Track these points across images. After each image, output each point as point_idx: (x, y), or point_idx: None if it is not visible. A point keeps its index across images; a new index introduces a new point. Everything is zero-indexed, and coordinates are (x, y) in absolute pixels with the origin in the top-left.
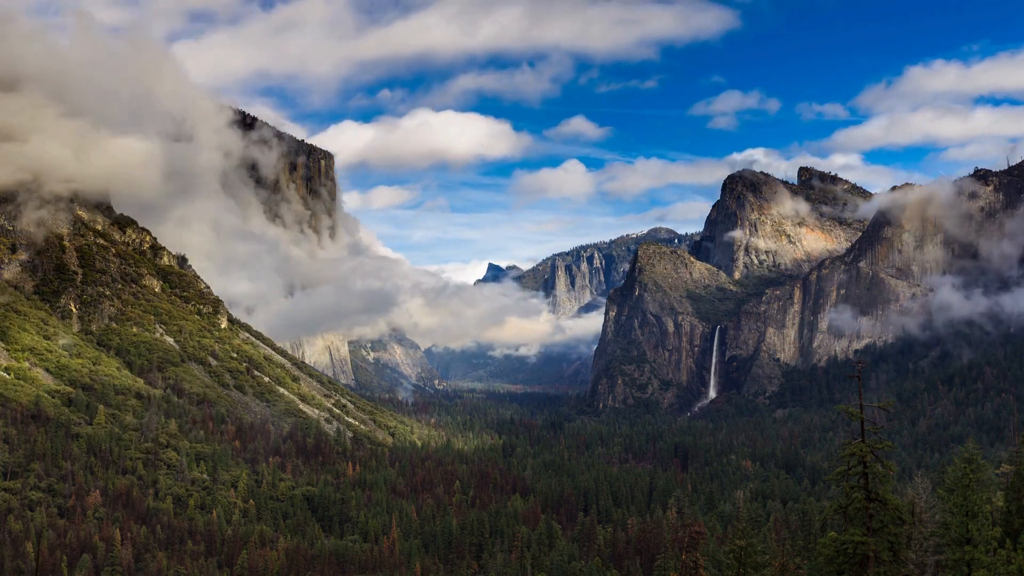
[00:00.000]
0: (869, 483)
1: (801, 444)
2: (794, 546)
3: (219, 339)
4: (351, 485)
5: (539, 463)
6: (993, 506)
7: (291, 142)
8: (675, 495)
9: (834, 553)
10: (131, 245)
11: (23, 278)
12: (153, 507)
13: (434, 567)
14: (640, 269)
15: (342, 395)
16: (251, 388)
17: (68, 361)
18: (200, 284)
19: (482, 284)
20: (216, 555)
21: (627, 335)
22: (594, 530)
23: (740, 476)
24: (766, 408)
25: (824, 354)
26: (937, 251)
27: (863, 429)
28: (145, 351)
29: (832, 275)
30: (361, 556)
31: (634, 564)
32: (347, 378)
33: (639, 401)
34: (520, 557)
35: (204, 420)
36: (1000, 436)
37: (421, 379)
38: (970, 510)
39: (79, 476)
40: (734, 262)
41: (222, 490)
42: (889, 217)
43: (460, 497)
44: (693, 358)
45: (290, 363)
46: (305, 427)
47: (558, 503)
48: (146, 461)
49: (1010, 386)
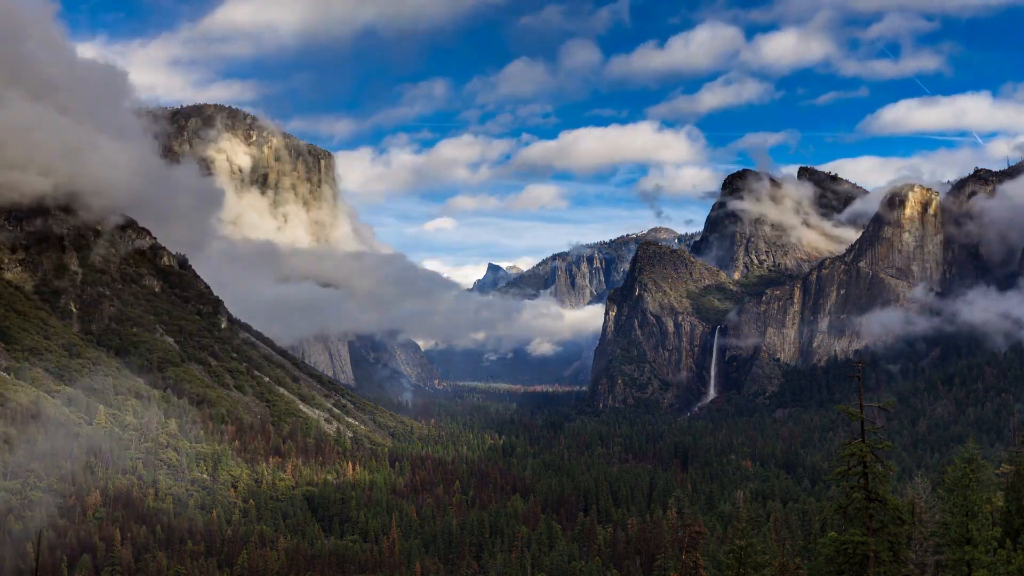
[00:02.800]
0: (869, 483)
1: (801, 444)
2: (794, 546)
3: (219, 339)
4: (351, 485)
5: (539, 463)
6: (993, 506)
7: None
8: (675, 495)
9: (834, 553)
10: (131, 245)
11: (23, 278)
12: (153, 507)
13: (434, 567)
14: (640, 269)
15: (342, 395)
16: (251, 388)
17: (68, 361)
18: (200, 284)
19: (482, 284)
20: (216, 555)
21: (627, 335)
22: (594, 530)
23: (740, 476)
24: (766, 408)
25: (824, 354)
26: (937, 251)
27: (863, 429)
28: (145, 351)
29: (832, 275)
30: (361, 556)
31: (634, 564)
32: (347, 378)
33: (639, 401)
34: (520, 557)
35: (204, 420)
36: (1000, 436)
37: (421, 379)
38: (970, 510)
39: (79, 476)
40: (734, 262)
41: (222, 490)
42: (889, 217)
43: (460, 497)
44: (693, 358)
45: (290, 363)
46: (305, 427)
47: (558, 503)
48: (146, 461)
49: (1010, 386)
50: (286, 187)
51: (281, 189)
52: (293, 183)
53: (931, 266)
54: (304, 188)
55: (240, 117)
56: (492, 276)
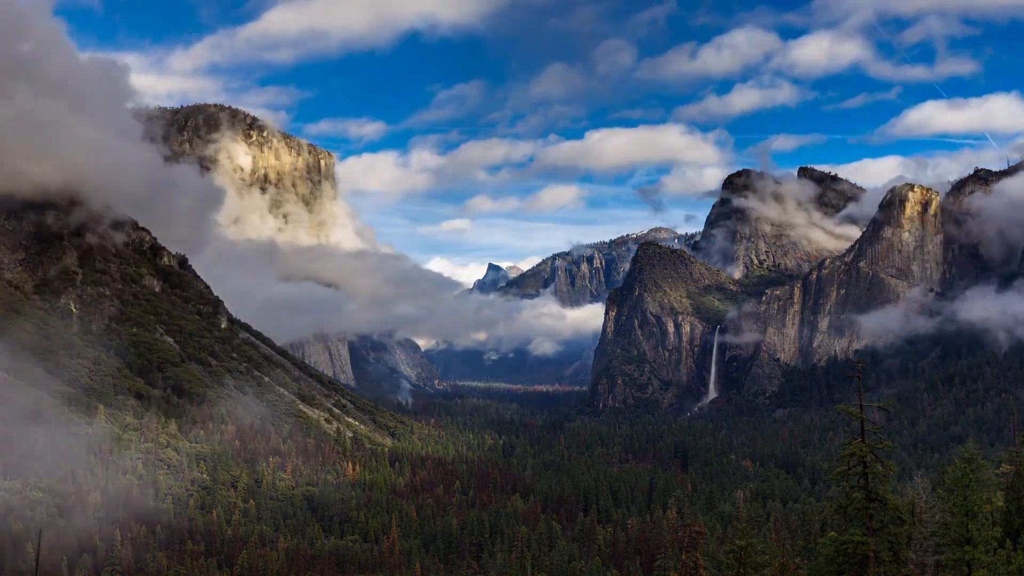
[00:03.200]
0: (869, 483)
1: (801, 444)
2: (794, 546)
3: (219, 339)
4: (351, 485)
5: (539, 463)
6: (993, 506)
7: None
8: (675, 495)
9: (834, 553)
10: (131, 245)
11: (23, 278)
12: (153, 507)
13: (434, 567)
14: (640, 269)
15: (342, 395)
16: (251, 388)
17: (68, 361)
18: (200, 284)
19: (482, 284)
20: (216, 555)
21: (627, 335)
22: (594, 530)
23: (740, 476)
24: (766, 408)
25: (824, 354)
26: (937, 251)
27: (863, 429)
28: (145, 351)
29: (832, 275)
30: (361, 556)
31: (634, 564)
32: (347, 378)
33: (639, 401)
34: (520, 557)
35: (204, 420)
36: (1000, 436)
37: (421, 379)
38: (970, 510)
39: (79, 476)
40: (734, 262)
41: (222, 490)
42: (889, 217)
43: (460, 497)
44: (693, 358)
45: (290, 363)
46: (305, 427)
47: (558, 503)
48: (146, 461)
49: (1010, 386)
50: (287, 187)
51: (282, 189)
52: (294, 183)
53: (931, 266)
54: (305, 188)
55: (241, 117)
56: (492, 276)
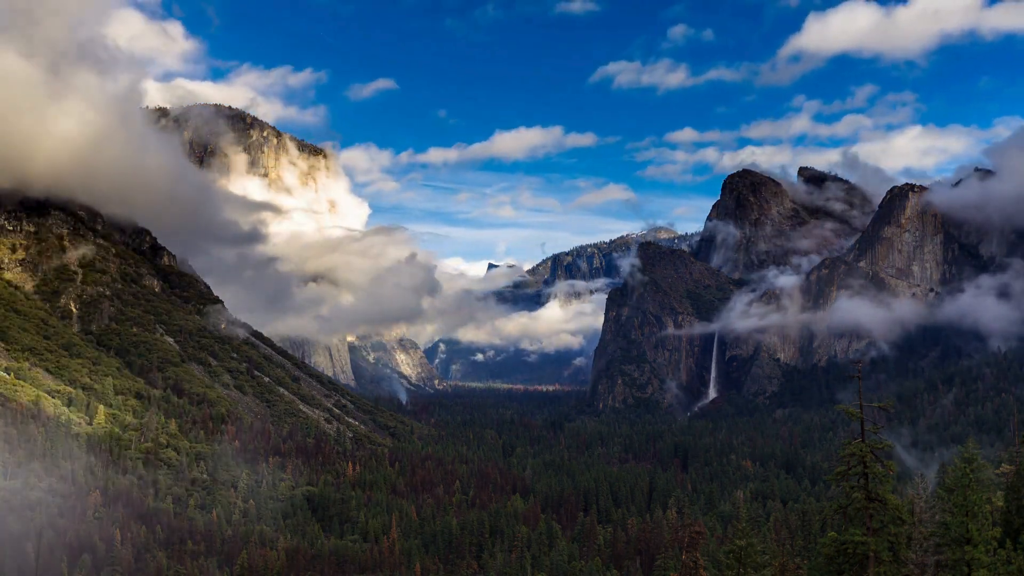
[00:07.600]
0: (869, 483)
1: (801, 444)
2: (794, 546)
3: (219, 339)
4: (351, 485)
5: (539, 463)
6: (993, 506)
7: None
8: (675, 495)
9: (834, 553)
10: (131, 245)
11: (23, 278)
12: (153, 507)
13: (434, 567)
14: (640, 269)
15: (342, 395)
16: (251, 388)
17: (68, 361)
18: (200, 284)
19: (482, 284)
20: (216, 555)
21: (627, 335)
22: (594, 530)
23: (740, 476)
24: (766, 408)
25: (824, 354)
26: (937, 251)
27: (863, 429)
28: (145, 351)
29: (832, 275)
30: (361, 556)
31: (634, 564)
32: (347, 378)
33: (639, 401)
34: (520, 557)
35: (204, 420)
36: (1000, 436)
37: (421, 379)
38: (970, 510)
39: (79, 476)
40: (734, 262)
41: (222, 490)
42: (889, 217)
43: (460, 497)
44: (693, 358)
45: (290, 363)
46: (305, 427)
47: (558, 503)
48: (146, 461)
49: (1010, 386)
50: (289, 184)
51: (283, 186)
52: (295, 180)
53: (931, 266)
54: (307, 185)
55: (242, 116)
56: (493, 275)
